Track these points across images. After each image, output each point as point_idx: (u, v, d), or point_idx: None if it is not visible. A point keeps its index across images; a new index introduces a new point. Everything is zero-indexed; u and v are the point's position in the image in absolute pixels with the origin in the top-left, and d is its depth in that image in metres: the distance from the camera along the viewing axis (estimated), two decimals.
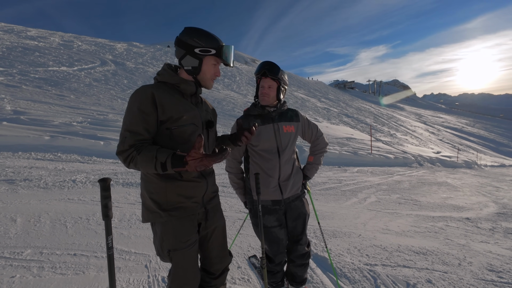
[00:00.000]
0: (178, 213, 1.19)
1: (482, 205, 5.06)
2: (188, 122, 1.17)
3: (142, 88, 1.12)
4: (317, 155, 1.81)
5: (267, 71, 1.53)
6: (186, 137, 1.17)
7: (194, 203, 1.23)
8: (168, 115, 1.12)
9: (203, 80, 1.24)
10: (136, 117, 1.07)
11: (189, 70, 1.20)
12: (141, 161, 1.01)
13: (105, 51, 22.75)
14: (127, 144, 1.04)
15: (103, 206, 0.83)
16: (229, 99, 17.61)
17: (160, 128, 1.13)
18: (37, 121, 7.00)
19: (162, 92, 1.14)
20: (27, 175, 4.06)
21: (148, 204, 1.20)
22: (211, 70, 1.23)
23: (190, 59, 1.18)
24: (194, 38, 1.16)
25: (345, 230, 3.23)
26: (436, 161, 12.90)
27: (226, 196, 4.15)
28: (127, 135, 1.06)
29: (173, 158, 0.97)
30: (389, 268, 2.35)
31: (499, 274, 2.35)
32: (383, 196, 5.17)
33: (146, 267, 2.13)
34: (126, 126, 1.08)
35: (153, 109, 1.09)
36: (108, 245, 0.83)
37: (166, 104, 1.12)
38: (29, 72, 12.64)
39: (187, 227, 1.21)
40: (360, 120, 23.12)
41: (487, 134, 37.23)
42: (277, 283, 1.79)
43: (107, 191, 0.84)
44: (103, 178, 0.85)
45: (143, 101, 1.08)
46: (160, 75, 1.21)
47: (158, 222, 1.19)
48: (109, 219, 0.85)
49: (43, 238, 2.42)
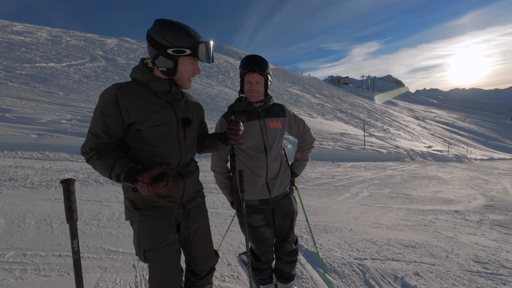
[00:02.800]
0: (152, 212, 1.15)
1: (470, 198, 5.17)
2: (159, 122, 1.11)
3: (108, 89, 1.08)
4: (305, 151, 1.78)
5: (255, 66, 1.46)
6: (157, 138, 1.12)
7: (170, 202, 1.19)
8: (135, 117, 1.07)
9: (180, 80, 1.16)
10: (98, 119, 1.04)
11: (164, 71, 1.12)
12: (99, 167, 1.00)
13: (95, 46, 22.19)
14: (88, 146, 1.04)
15: (67, 209, 0.79)
16: (223, 95, 17.45)
17: (130, 129, 1.09)
18: (24, 119, 6.80)
19: (128, 93, 1.08)
20: (12, 174, 3.95)
21: (126, 202, 1.18)
22: (189, 69, 1.14)
23: (164, 60, 1.09)
24: (165, 37, 1.05)
25: (336, 225, 3.24)
26: (427, 155, 13.12)
27: (218, 193, 4.13)
28: (89, 137, 1.05)
29: (127, 173, 0.94)
30: (378, 262, 2.37)
31: (484, 265, 2.40)
32: (375, 191, 5.22)
33: (134, 266, 2.09)
34: (90, 127, 1.07)
35: (116, 112, 1.05)
36: (74, 249, 0.79)
37: (131, 106, 1.06)
38: (15, 68, 12.24)
39: (163, 226, 1.17)
40: (354, 116, 23.27)
41: (477, 128, 38.00)
42: (265, 280, 1.78)
43: (71, 193, 0.80)
44: (66, 179, 0.80)
45: (106, 103, 1.05)
46: (134, 72, 1.15)
47: (135, 221, 1.16)
48: (74, 222, 0.81)
49: (27, 239, 2.35)
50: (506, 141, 31.63)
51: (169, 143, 1.16)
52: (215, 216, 3.27)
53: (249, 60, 1.49)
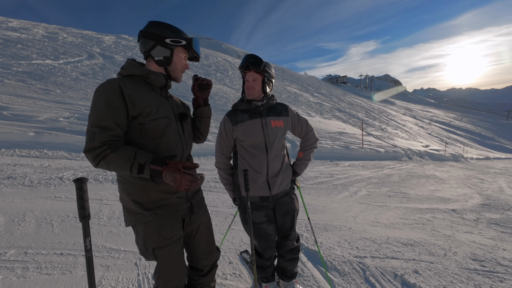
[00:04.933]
0: (163, 210, 1.15)
1: (467, 196, 5.23)
2: (161, 115, 1.13)
3: (108, 82, 1.05)
4: (307, 151, 1.79)
5: (250, 65, 1.50)
6: (159, 131, 1.13)
7: (179, 198, 1.20)
8: (139, 110, 1.07)
9: (174, 71, 1.21)
10: (105, 111, 0.99)
11: (160, 60, 1.16)
12: (116, 160, 0.96)
13: (93, 43, 21.98)
14: (98, 141, 0.96)
15: (79, 207, 0.79)
16: (222, 94, 17.41)
17: (132, 123, 1.07)
18: (21, 116, 6.74)
19: (130, 85, 1.08)
20: (10, 172, 3.92)
21: (130, 206, 1.14)
22: (181, 61, 1.22)
23: (161, 49, 1.15)
24: (163, 29, 1.15)
25: (336, 224, 3.27)
26: (424, 154, 13.22)
27: (218, 192, 4.13)
28: (96, 131, 0.97)
29: (155, 158, 0.96)
30: (378, 260, 2.40)
31: (481, 263, 2.44)
32: (374, 190, 5.26)
33: (136, 265, 2.10)
34: (93, 121, 0.99)
35: (122, 103, 1.03)
36: (87, 247, 0.79)
37: (136, 98, 1.06)
38: (11, 65, 12.10)
39: (171, 224, 1.18)
40: (352, 115, 23.35)
41: (473, 128, 38.35)
42: (268, 277, 1.80)
43: (83, 192, 0.80)
44: (79, 178, 0.80)
45: (110, 95, 1.01)
46: (125, 69, 1.15)
47: (142, 222, 1.14)
48: (87, 220, 0.81)
49: (28, 237, 2.35)
50: (502, 141, 31.98)
51: (172, 135, 1.18)
52: (216, 214, 3.28)
53: (245, 59, 1.55)
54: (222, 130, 1.62)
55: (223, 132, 1.61)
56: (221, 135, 1.63)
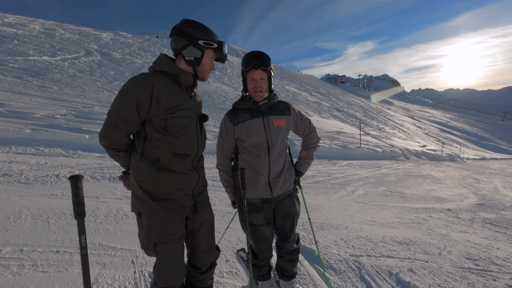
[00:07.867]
0: (168, 204, 1.17)
1: (463, 196, 5.28)
2: (184, 114, 1.17)
3: (143, 77, 1.09)
4: (310, 150, 1.75)
5: (259, 63, 1.41)
6: (179, 129, 1.17)
7: (185, 195, 1.22)
8: (164, 108, 1.11)
9: (202, 71, 1.26)
10: (132, 107, 1.06)
11: (190, 60, 1.20)
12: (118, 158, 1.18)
13: (90, 40, 21.79)
14: (118, 134, 1.06)
15: (75, 205, 0.79)
16: (220, 92, 17.37)
17: (154, 117, 1.12)
18: (17, 113, 6.68)
19: (160, 82, 1.12)
20: (6, 170, 3.89)
21: (138, 193, 1.17)
22: (210, 63, 1.27)
23: (193, 49, 1.20)
24: (198, 30, 1.19)
25: (333, 223, 3.29)
26: (421, 154, 13.31)
27: (216, 190, 4.14)
28: (119, 123, 1.06)
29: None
30: (373, 258, 2.42)
31: (475, 262, 2.47)
32: (371, 189, 5.29)
33: (132, 262, 2.10)
34: (118, 113, 1.07)
35: (148, 101, 1.08)
36: (82, 244, 0.80)
37: (162, 96, 1.10)
38: (7, 61, 11.98)
39: (175, 220, 1.19)
40: (350, 114, 23.42)
41: (470, 128, 38.65)
42: (263, 276, 1.80)
43: (79, 189, 0.80)
44: (74, 175, 0.80)
45: (141, 92, 1.07)
46: (157, 64, 1.19)
47: (147, 211, 1.16)
48: (82, 217, 0.81)
49: (24, 235, 2.34)
50: (497, 141, 32.27)
51: (190, 134, 1.22)
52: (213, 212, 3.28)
53: (251, 57, 1.44)
54: (223, 130, 1.57)
55: (224, 133, 1.56)
56: (222, 135, 1.58)
